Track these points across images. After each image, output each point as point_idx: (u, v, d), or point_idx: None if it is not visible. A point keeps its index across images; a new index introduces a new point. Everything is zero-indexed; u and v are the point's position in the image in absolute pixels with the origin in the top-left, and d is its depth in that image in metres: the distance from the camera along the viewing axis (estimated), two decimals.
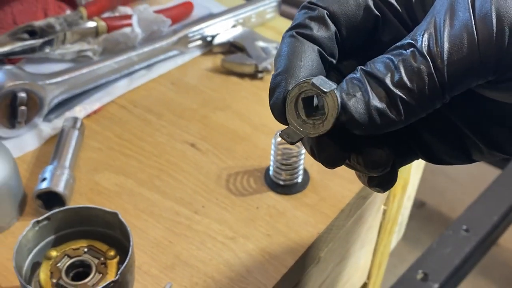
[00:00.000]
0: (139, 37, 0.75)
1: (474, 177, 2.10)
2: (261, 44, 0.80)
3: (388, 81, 0.30)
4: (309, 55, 0.34)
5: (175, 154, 0.67)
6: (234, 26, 0.83)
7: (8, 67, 0.66)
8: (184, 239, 0.59)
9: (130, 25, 0.76)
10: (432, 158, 0.37)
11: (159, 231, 0.59)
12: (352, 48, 0.36)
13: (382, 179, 0.36)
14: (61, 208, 0.52)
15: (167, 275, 0.56)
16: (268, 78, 0.78)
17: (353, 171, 0.37)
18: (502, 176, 1.32)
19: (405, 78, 0.30)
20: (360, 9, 0.34)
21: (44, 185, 0.59)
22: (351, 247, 0.72)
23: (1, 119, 0.65)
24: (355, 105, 0.31)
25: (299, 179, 0.64)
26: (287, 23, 0.89)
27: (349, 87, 0.31)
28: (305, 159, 0.63)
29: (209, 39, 0.81)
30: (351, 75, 0.32)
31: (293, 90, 0.32)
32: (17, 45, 0.69)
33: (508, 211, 1.24)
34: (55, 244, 0.53)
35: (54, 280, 0.50)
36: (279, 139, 0.63)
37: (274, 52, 0.80)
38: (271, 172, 0.64)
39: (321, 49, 0.34)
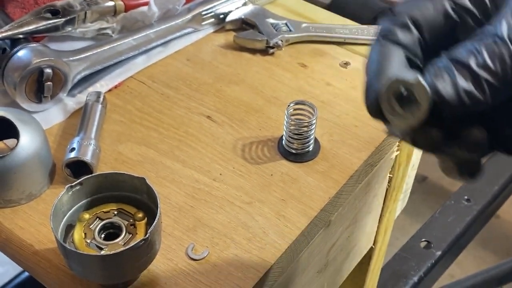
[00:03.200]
0: (156, 15, 0.79)
1: None
2: (271, 21, 0.84)
3: (472, 63, 0.33)
4: (397, 58, 0.36)
5: (193, 126, 0.71)
6: (244, 4, 0.86)
7: (34, 44, 0.70)
8: (204, 204, 0.62)
9: (146, 4, 0.79)
10: (511, 151, 0.39)
11: (181, 196, 0.63)
12: (435, 50, 0.37)
13: (473, 167, 0.38)
14: (93, 174, 0.56)
15: (190, 237, 0.59)
16: (279, 54, 0.82)
17: (360, 140, 0.38)
18: None
19: (488, 61, 0.32)
20: (439, 15, 0.37)
21: (73, 155, 0.62)
22: (359, 213, 0.76)
23: (29, 94, 0.69)
24: (445, 86, 0.33)
25: (310, 148, 0.67)
26: (294, 0, 0.92)
27: (436, 71, 0.34)
28: (315, 129, 0.67)
29: (221, 16, 0.85)
30: (436, 60, 0.34)
31: (383, 91, 0.35)
32: (42, 24, 0.72)
33: (508, 182, 1.27)
34: (87, 207, 0.56)
35: (88, 240, 0.53)
36: (292, 110, 0.67)
37: (284, 28, 0.83)
38: (283, 142, 0.68)
39: (407, 52, 0.37)
